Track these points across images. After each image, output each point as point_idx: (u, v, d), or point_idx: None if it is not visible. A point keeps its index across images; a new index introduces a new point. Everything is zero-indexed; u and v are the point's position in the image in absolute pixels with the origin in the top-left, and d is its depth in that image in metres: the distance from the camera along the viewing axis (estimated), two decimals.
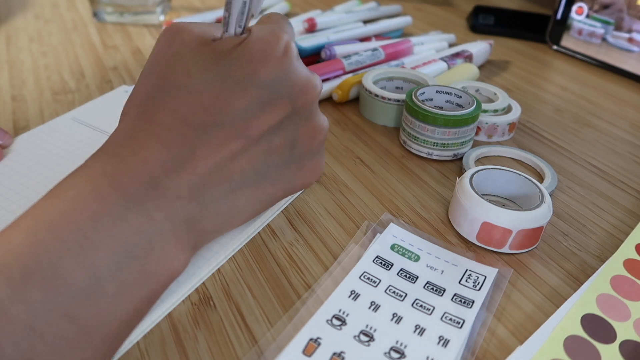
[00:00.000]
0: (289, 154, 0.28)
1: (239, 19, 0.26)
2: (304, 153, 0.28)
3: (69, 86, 0.46)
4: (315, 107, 0.28)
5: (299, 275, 0.28)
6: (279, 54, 0.25)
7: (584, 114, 0.48)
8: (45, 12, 0.64)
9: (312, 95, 0.27)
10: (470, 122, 0.37)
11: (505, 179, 0.33)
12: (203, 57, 0.25)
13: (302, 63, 0.27)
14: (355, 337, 0.25)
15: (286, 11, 0.64)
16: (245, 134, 0.25)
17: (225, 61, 0.25)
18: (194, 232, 0.24)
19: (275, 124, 0.26)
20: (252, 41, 0.25)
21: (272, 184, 0.27)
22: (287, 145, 0.27)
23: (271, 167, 0.27)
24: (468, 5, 0.74)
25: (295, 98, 0.26)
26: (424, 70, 0.48)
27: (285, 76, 0.26)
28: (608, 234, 0.33)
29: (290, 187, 0.29)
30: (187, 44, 0.25)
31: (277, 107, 0.26)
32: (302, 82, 0.26)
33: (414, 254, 0.30)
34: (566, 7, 0.58)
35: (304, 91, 0.27)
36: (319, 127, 0.28)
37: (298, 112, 0.27)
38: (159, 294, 0.23)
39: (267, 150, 0.26)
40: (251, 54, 0.25)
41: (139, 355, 0.24)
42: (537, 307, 0.27)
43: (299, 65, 0.27)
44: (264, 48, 0.25)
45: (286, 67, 0.26)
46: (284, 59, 0.26)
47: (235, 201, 0.26)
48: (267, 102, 0.25)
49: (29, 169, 0.34)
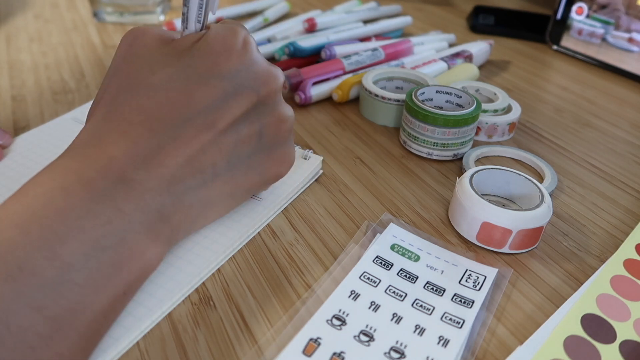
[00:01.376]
0: (257, 143, 0.28)
1: (197, 13, 0.27)
2: (272, 143, 0.29)
3: (69, 86, 0.46)
4: (279, 97, 0.29)
5: (299, 275, 0.28)
6: (239, 46, 0.26)
7: (584, 114, 0.48)
8: (45, 12, 0.64)
9: (275, 85, 0.28)
10: (470, 122, 0.37)
11: (505, 179, 0.33)
12: (165, 55, 0.26)
13: (262, 56, 0.28)
14: (355, 337, 0.25)
15: (286, 11, 0.64)
16: (213, 126, 0.26)
17: (187, 57, 0.26)
18: (168, 225, 0.25)
19: (241, 114, 0.27)
20: (212, 36, 0.26)
21: (244, 174, 0.28)
22: (255, 135, 0.28)
23: (242, 157, 0.28)
24: (468, 5, 0.74)
25: (258, 88, 0.27)
26: (424, 70, 0.48)
27: (246, 68, 0.26)
28: (608, 234, 0.33)
29: (262, 178, 0.29)
30: (148, 44, 0.26)
31: (242, 98, 0.26)
32: (264, 73, 0.27)
33: (414, 254, 0.30)
34: (566, 7, 0.58)
35: (266, 81, 0.27)
36: (284, 116, 0.29)
37: (263, 102, 0.28)
38: (135, 287, 0.23)
39: (236, 140, 0.27)
40: (211, 48, 0.26)
41: (139, 355, 0.24)
42: (537, 307, 0.27)
43: (259, 57, 0.27)
44: (223, 41, 0.26)
45: (247, 59, 0.27)
46: (243, 52, 0.26)
47: (209, 192, 0.26)
48: (232, 94, 0.26)
49: (29, 169, 0.34)
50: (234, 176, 0.28)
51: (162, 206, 0.24)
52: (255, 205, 0.32)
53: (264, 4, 0.64)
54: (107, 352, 0.23)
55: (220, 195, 0.27)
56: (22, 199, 0.21)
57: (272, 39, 0.55)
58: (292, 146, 0.31)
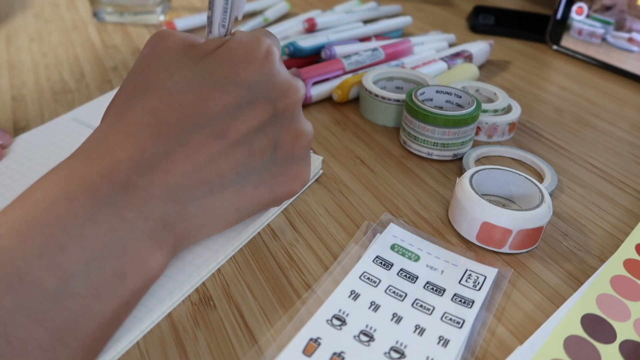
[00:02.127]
0: (270, 158, 0.27)
1: (222, 17, 0.26)
2: (286, 158, 0.28)
3: (69, 86, 0.46)
4: (299, 111, 0.28)
5: (299, 275, 0.28)
6: (261, 56, 0.26)
7: (584, 114, 0.48)
8: (45, 12, 0.64)
9: (294, 98, 0.27)
10: (470, 122, 0.37)
11: (505, 179, 0.33)
12: (185, 58, 0.25)
13: (284, 67, 0.27)
14: (355, 337, 0.25)
15: (286, 11, 0.64)
16: (225, 135, 0.25)
17: (207, 61, 0.25)
18: (172, 234, 0.24)
19: (255, 126, 0.26)
20: (235, 42, 0.25)
21: (254, 188, 0.27)
22: (269, 149, 0.27)
23: (252, 171, 0.27)
24: (468, 5, 0.74)
25: (276, 100, 0.26)
26: (424, 70, 0.48)
27: (266, 78, 0.26)
28: (608, 234, 0.33)
29: (273, 194, 0.28)
30: (171, 47, 0.26)
31: (257, 109, 0.26)
32: (284, 85, 0.26)
33: (414, 254, 0.30)
34: (566, 7, 0.58)
35: (285, 94, 0.27)
36: (302, 131, 0.28)
37: (280, 115, 0.27)
38: (138, 296, 0.23)
39: (247, 153, 0.26)
40: (232, 55, 0.25)
41: (139, 355, 0.24)
42: (537, 307, 0.27)
43: (281, 69, 0.27)
44: (245, 49, 0.25)
45: (267, 69, 0.26)
46: (265, 62, 0.26)
47: (215, 204, 0.26)
48: (247, 104, 0.25)
49: (29, 169, 0.34)
50: (242, 189, 0.27)
51: (166, 214, 0.24)
52: None
53: (264, 4, 0.64)
54: (107, 352, 0.23)
55: (227, 207, 0.27)
56: (24, 204, 0.21)
57: None
58: (309, 163, 0.30)
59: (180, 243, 0.25)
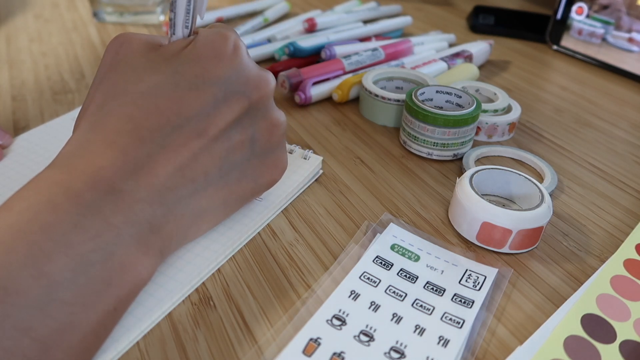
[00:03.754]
0: (250, 150, 0.28)
1: (185, 19, 0.26)
2: (265, 149, 0.28)
3: (69, 86, 0.46)
4: (271, 102, 0.28)
5: (299, 275, 0.28)
6: (229, 51, 0.26)
7: (584, 114, 0.48)
8: (45, 12, 0.64)
9: (266, 90, 0.27)
10: (470, 122, 0.37)
11: (505, 179, 0.33)
12: (153, 61, 0.25)
13: (252, 60, 0.27)
14: (355, 337, 0.25)
15: (286, 11, 0.64)
16: (204, 133, 0.25)
17: (176, 63, 0.25)
18: (159, 236, 0.24)
19: (233, 120, 0.26)
20: (201, 41, 0.26)
21: (237, 181, 0.28)
22: (247, 141, 0.27)
23: (234, 164, 0.27)
24: (468, 5, 0.74)
25: (250, 93, 0.27)
26: (424, 70, 0.48)
27: (237, 73, 0.26)
28: (608, 234, 0.33)
29: (256, 184, 0.29)
30: (135, 51, 0.26)
31: (233, 104, 0.26)
32: (255, 78, 0.27)
33: (414, 254, 0.30)
34: (566, 7, 0.58)
35: (258, 86, 0.27)
36: (276, 121, 0.29)
37: (254, 107, 0.27)
38: (127, 302, 0.22)
39: (228, 147, 0.26)
40: (200, 53, 0.25)
41: (139, 355, 0.24)
42: (537, 307, 0.27)
43: (250, 62, 0.27)
44: (213, 47, 0.25)
45: (237, 64, 0.26)
46: (234, 56, 0.26)
47: (201, 201, 0.26)
48: (222, 100, 0.26)
49: (29, 169, 0.34)
50: (227, 184, 0.27)
51: (153, 217, 0.23)
52: (255, 205, 0.32)
53: (264, 4, 0.64)
54: (107, 352, 0.23)
55: (213, 203, 0.27)
56: (6, 215, 0.20)
57: (272, 39, 0.55)
58: (285, 151, 0.30)
59: (169, 245, 0.25)
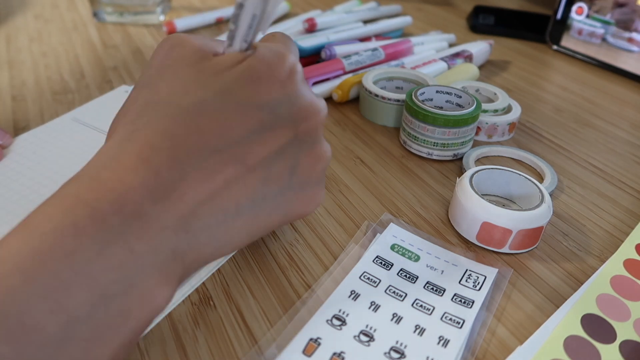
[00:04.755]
0: (287, 182, 0.25)
1: (246, 33, 0.24)
2: (303, 182, 0.26)
3: (69, 86, 0.46)
4: (319, 134, 0.26)
5: (299, 275, 0.28)
6: (284, 76, 0.24)
7: (584, 114, 0.48)
8: (45, 12, 0.64)
9: (316, 120, 0.25)
10: (470, 122, 0.37)
11: (505, 179, 0.33)
12: (202, 74, 0.23)
13: (308, 86, 0.25)
14: (355, 337, 0.25)
15: (286, 11, 0.64)
16: (243, 160, 0.23)
17: (226, 79, 0.23)
18: (181, 264, 0.22)
19: (274, 150, 0.24)
20: (256, 60, 0.23)
21: (268, 214, 0.25)
22: (286, 173, 0.25)
23: (267, 197, 0.25)
24: (468, 5, 0.74)
25: (298, 123, 0.25)
26: (424, 70, 0.48)
27: (289, 100, 0.24)
28: (608, 234, 0.33)
29: (284, 218, 0.27)
30: (186, 58, 0.24)
31: (278, 133, 0.24)
32: (306, 107, 0.25)
33: (414, 254, 0.30)
34: (566, 7, 0.58)
35: (307, 116, 0.25)
36: (321, 155, 0.26)
37: (300, 138, 0.25)
38: (141, 332, 0.21)
39: (264, 178, 0.24)
40: (254, 73, 0.23)
41: (139, 355, 0.24)
42: (537, 307, 0.27)
43: (303, 89, 0.25)
44: (268, 68, 0.23)
45: (290, 90, 0.24)
46: (288, 82, 0.24)
47: (228, 231, 0.24)
48: (269, 127, 0.24)
49: (29, 169, 0.34)
50: (257, 215, 0.25)
51: (177, 246, 0.22)
52: None
53: None
54: None
55: (240, 233, 0.24)
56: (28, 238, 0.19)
57: None
58: (323, 186, 0.28)
59: (187, 272, 0.23)
